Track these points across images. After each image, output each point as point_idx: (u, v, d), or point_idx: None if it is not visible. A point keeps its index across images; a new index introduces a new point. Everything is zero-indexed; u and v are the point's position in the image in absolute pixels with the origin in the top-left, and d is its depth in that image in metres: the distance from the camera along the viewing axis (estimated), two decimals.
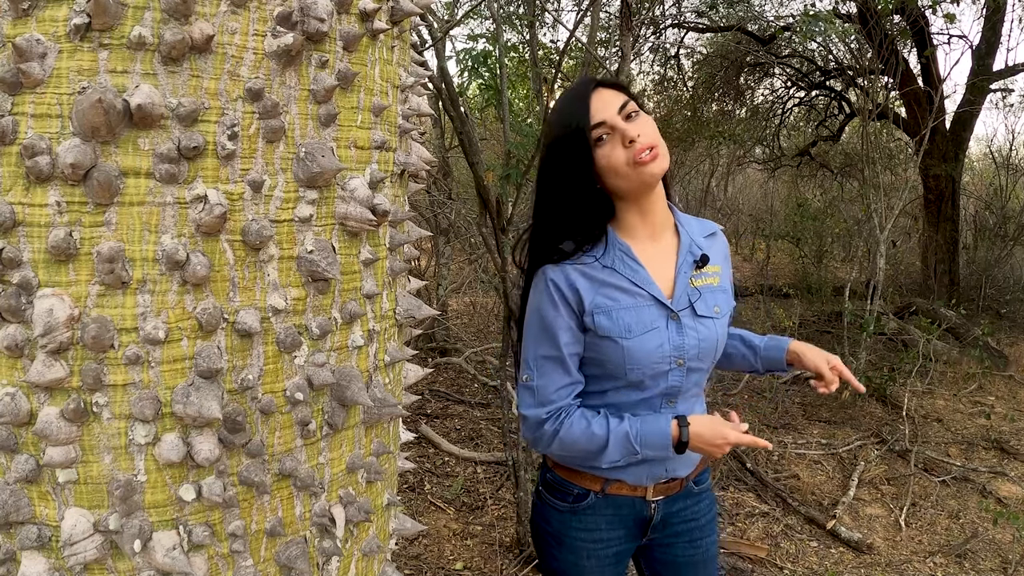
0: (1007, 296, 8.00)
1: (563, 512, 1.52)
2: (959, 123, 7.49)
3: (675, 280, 1.44)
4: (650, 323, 1.39)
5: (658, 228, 1.45)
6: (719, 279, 1.49)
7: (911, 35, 6.75)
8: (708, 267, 1.47)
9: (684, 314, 1.42)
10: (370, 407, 1.08)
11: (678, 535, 1.56)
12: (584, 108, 1.35)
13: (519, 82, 5.75)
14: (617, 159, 1.34)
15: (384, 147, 1.08)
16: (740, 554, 3.22)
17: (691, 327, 1.42)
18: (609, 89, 1.39)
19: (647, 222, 1.44)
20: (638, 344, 1.37)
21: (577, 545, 1.52)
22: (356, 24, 1.00)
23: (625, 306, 1.39)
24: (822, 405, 5.06)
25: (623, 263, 1.41)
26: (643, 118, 1.38)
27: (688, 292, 1.44)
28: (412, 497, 3.62)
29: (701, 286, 1.45)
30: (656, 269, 1.44)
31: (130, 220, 0.86)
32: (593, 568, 1.54)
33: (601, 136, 1.35)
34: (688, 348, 1.42)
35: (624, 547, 1.56)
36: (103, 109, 0.81)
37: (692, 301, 1.43)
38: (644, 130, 1.35)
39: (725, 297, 1.49)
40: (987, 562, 3.25)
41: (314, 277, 0.98)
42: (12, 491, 0.89)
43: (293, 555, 1.02)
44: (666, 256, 1.46)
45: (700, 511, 1.57)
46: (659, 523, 1.54)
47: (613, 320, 1.38)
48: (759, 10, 8.68)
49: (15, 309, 0.85)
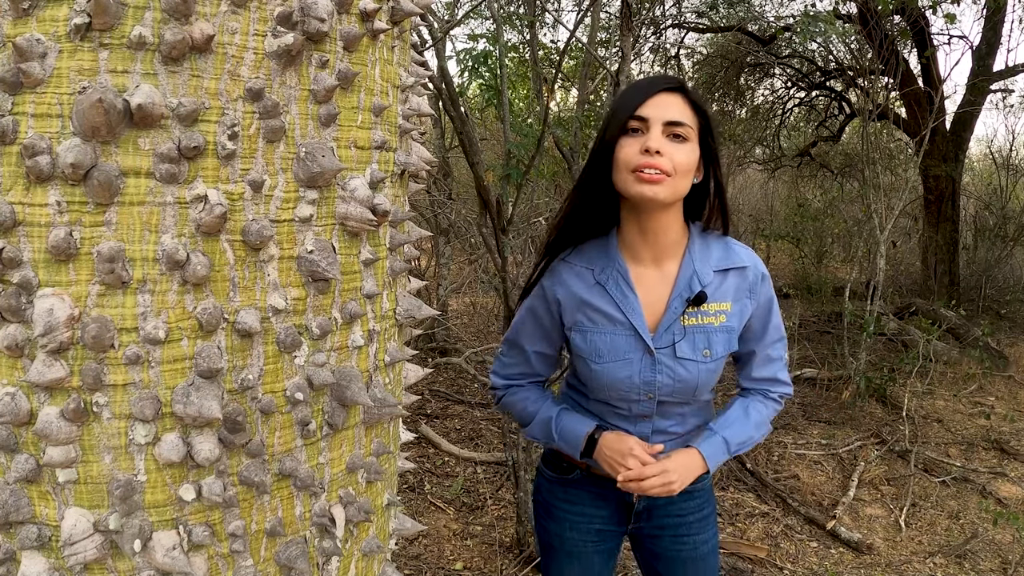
0: (1007, 296, 8.00)
1: (552, 482, 1.58)
2: (959, 123, 7.49)
3: (664, 313, 1.37)
4: (623, 353, 1.36)
5: (662, 252, 1.37)
6: (724, 318, 1.37)
7: (911, 35, 6.75)
8: (712, 305, 1.36)
9: (663, 353, 1.36)
10: (370, 407, 1.08)
11: (663, 528, 1.55)
12: (641, 98, 1.29)
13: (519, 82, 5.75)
14: (626, 156, 1.28)
15: (384, 147, 1.08)
16: (740, 554, 3.23)
17: (668, 366, 1.36)
18: (684, 102, 1.30)
19: (648, 242, 1.36)
20: (607, 370, 1.37)
21: (561, 515, 1.57)
22: (356, 24, 1.00)
23: (602, 331, 1.37)
24: (822, 406, 5.06)
25: (616, 284, 1.37)
26: (688, 146, 1.28)
27: (674, 330, 1.36)
28: (412, 497, 3.62)
29: (693, 325, 1.36)
30: (648, 297, 1.37)
31: (130, 220, 0.86)
32: (576, 540, 1.57)
33: (634, 128, 1.29)
34: (661, 386, 1.38)
35: (608, 528, 1.56)
36: (103, 109, 0.81)
37: (675, 341, 1.36)
38: (674, 154, 1.26)
39: (725, 338, 1.38)
40: (987, 563, 3.25)
41: (314, 277, 0.98)
42: (12, 491, 0.89)
43: (293, 555, 1.02)
44: (664, 284, 1.38)
45: (688, 508, 1.55)
46: (643, 512, 1.55)
47: (587, 342, 1.39)
48: (759, 10, 8.68)
49: (15, 309, 0.85)
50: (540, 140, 2.87)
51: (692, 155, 1.29)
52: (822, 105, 9.74)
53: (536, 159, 2.94)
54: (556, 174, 6.19)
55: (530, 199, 6.03)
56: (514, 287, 2.99)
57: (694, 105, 1.31)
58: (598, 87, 5.29)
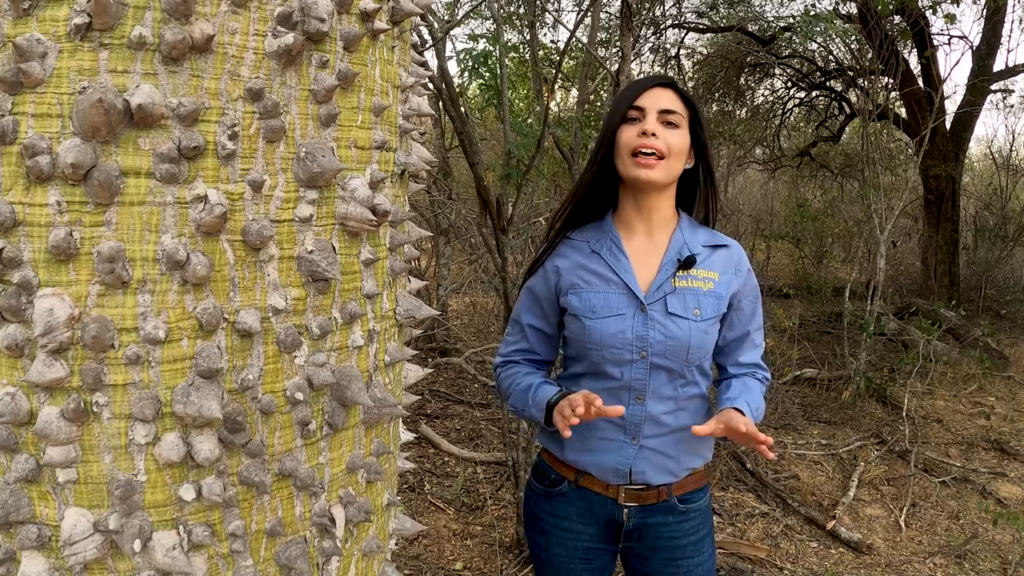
0: (1007, 297, 8.01)
1: (539, 495, 1.60)
2: (959, 124, 7.49)
3: (656, 275, 1.48)
4: (616, 308, 1.45)
5: (655, 226, 1.51)
6: (712, 284, 1.48)
7: (911, 36, 6.75)
8: (700, 271, 1.48)
9: (654, 308, 1.45)
10: (370, 407, 1.08)
11: (655, 550, 1.53)
12: (638, 91, 1.46)
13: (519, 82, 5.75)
14: (625, 141, 1.43)
15: (384, 147, 1.08)
16: (740, 554, 3.22)
17: (659, 322, 1.44)
18: (675, 95, 1.47)
19: (643, 217, 1.51)
20: (600, 326, 1.45)
21: (548, 529, 1.57)
22: (356, 24, 1.00)
23: (597, 290, 1.48)
24: (822, 406, 5.06)
25: (609, 251, 1.50)
26: (679, 131, 1.45)
27: (665, 289, 1.46)
28: (412, 497, 3.62)
29: (683, 287, 1.46)
30: (640, 262, 1.49)
31: (130, 220, 0.86)
32: (562, 557, 1.56)
33: (633, 117, 1.44)
34: (653, 342, 1.43)
35: (597, 546, 1.56)
36: (103, 109, 0.81)
37: (666, 296, 1.45)
38: (667, 137, 1.43)
39: (714, 303, 1.47)
40: (987, 563, 3.25)
41: (314, 277, 0.98)
42: (12, 491, 0.89)
43: (293, 555, 1.02)
44: (655, 252, 1.50)
45: (684, 530, 1.52)
46: (634, 532, 1.53)
47: (581, 300, 1.48)
48: (759, 10, 8.68)
49: (15, 309, 0.85)
50: (540, 140, 2.87)
51: (684, 140, 1.45)
52: (822, 105, 9.74)
53: (536, 159, 2.94)
54: (556, 174, 6.20)
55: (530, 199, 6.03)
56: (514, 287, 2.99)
57: (684, 99, 1.48)
58: (598, 87, 5.29)
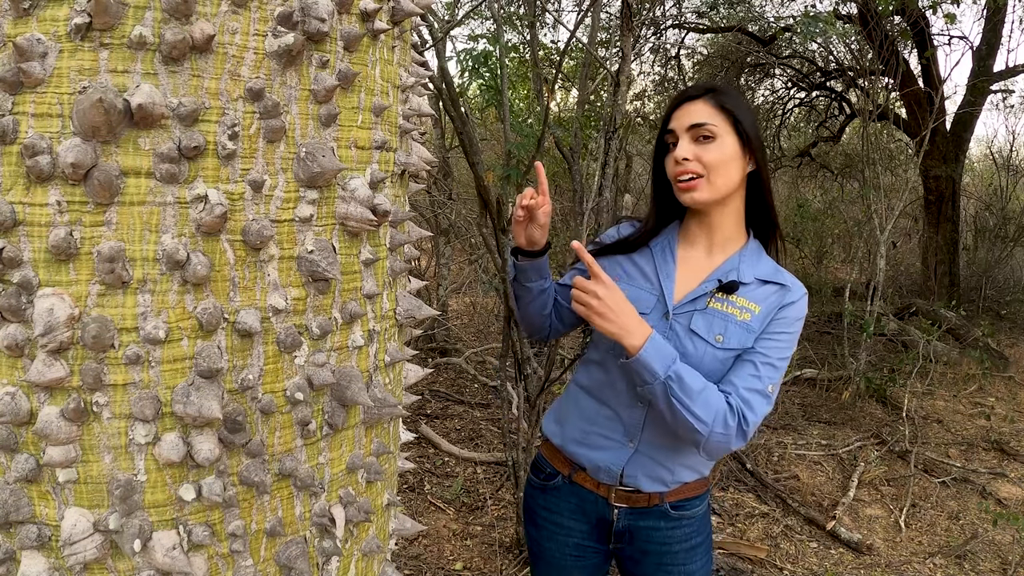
0: (1007, 297, 8.01)
1: (535, 488, 1.62)
2: (959, 124, 7.50)
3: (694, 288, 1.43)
4: (643, 307, 1.44)
5: (716, 243, 1.46)
6: (750, 316, 1.38)
7: (911, 36, 6.75)
8: (741, 299, 1.39)
9: (678, 320, 1.40)
10: (370, 407, 1.08)
11: (646, 554, 1.52)
12: (668, 112, 1.45)
13: (519, 82, 5.75)
14: (669, 170, 1.44)
15: (385, 147, 1.08)
16: (740, 555, 3.22)
17: (678, 336, 1.39)
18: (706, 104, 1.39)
19: (704, 232, 1.47)
20: None
21: (540, 522, 1.59)
22: (357, 24, 1.00)
23: (632, 284, 1.48)
24: (822, 406, 5.06)
25: (661, 251, 1.50)
26: (715, 143, 1.37)
27: (697, 305, 1.40)
28: (412, 497, 3.62)
29: (717, 309, 1.39)
30: (688, 273, 1.46)
31: (130, 220, 0.86)
32: (554, 552, 1.58)
33: (672, 142, 1.44)
34: None
35: (587, 544, 1.56)
36: (104, 109, 0.81)
37: (694, 313, 1.39)
38: (701, 154, 1.37)
39: (742, 334, 1.37)
40: (987, 563, 3.25)
41: (314, 277, 0.98)
42: (12, 490, 0.89)
43: (293, 555, 1.02)
44: (706, 268, 1.45)
45: (676, 537, 1.50)
46: (624, 533, 1.52)
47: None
48: (760, 11, 8.68)
49: (15, 308, 0.85)
50: (540, 140, 2.87)
51: (722, 150, 1.38)
52: (822, 105, 9.74)
53: (536, 159, 2.93)
54: (556, 174, 6.20)
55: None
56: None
57: (720, 106, 1.40)
58: (598, 87, 5.29)
